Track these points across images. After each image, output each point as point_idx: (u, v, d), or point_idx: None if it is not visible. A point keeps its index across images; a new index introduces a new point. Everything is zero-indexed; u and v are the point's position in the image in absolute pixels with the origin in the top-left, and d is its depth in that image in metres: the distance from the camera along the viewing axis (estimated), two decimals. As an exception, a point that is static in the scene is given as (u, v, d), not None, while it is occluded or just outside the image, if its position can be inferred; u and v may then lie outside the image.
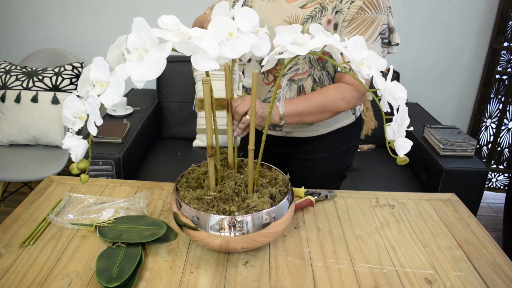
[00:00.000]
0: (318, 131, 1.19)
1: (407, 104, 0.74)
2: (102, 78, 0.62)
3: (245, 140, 0.93)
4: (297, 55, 0.74)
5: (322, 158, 1.23)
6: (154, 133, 2.31)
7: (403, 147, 0.72)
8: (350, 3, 1.02)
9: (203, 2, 2.37)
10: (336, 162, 1.26)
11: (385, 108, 0.73)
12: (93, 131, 0.65)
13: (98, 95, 0.63)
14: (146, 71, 0.60)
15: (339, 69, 1.09)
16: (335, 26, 1.05)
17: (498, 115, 2.48)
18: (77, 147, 0.66)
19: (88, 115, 0.63)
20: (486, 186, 2.57)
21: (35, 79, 2.13)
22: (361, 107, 1.29)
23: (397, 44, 1.13)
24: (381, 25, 1.04)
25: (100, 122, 0.64)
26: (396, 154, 0.75)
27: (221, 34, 0.73)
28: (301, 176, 1.25)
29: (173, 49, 0.67)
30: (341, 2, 1.03)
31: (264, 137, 0.89)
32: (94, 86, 0.63)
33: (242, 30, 0.76)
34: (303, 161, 1.25)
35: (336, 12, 1.03)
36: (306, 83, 1.10)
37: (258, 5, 1.13)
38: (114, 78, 0.61)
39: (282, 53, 0.75)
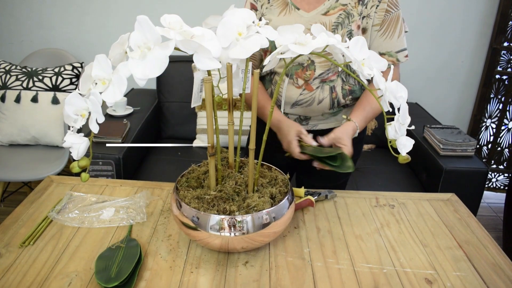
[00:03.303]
0: (340, 122, 1.23)
1: (407, 104, 0.75)
2: (104, 75, 0.62)
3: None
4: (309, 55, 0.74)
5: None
6: (154, 133, 2.31)
7: (405, 145, 0.72)
8: (376, 7, 1.07)
9: (203, 3, 2.38)
10: (353, 150, 1.29)
11: (386, 107, 0.74)
12: (95, 129, 0.65)
13: (100, 93, 0.63)
14: (149, 69, 0.60)
15: None
16: (364, 30, 1.10)
17: (498, 115, 2.48)
18: (78, 145, 0.66)
19: (89, 113, 0.63)
20: (486, 186, 2.58)
21: (35, 79, 2.13)
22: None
23: (406, 31, 1.18)
24: (401, 18, 1.11)
25: (101, 119, 0.64)
26: (398, 153, 0.75)
27: (231, 35, 0.72)
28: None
29: (176, 48, 0.67)
30: (366, 8, 1.07)
31: (264, 137, 0.89)
32: (96, 83, 0.63)
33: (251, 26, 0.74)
34: None
35: (363, 17, 1.08)
36: (337, 83, 1.14)
37: (273, 21, 1.13)
38: (116, 76, 0.61)
39: (283, 53, 0.75)
